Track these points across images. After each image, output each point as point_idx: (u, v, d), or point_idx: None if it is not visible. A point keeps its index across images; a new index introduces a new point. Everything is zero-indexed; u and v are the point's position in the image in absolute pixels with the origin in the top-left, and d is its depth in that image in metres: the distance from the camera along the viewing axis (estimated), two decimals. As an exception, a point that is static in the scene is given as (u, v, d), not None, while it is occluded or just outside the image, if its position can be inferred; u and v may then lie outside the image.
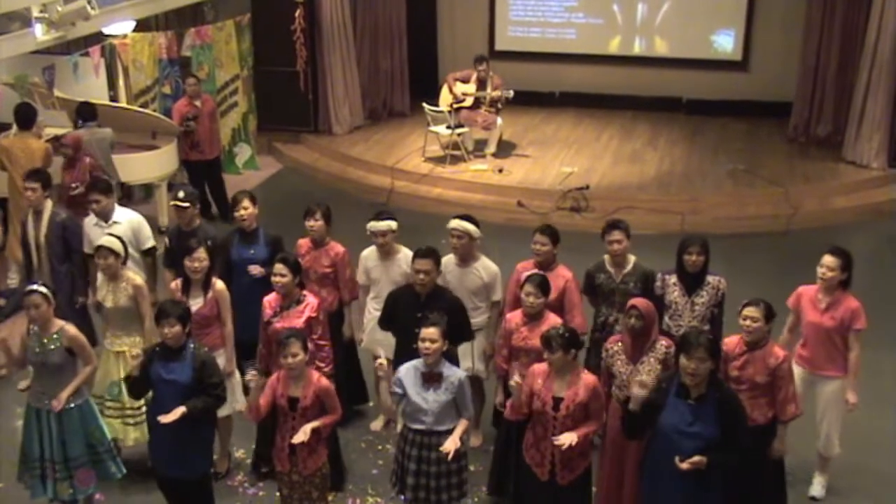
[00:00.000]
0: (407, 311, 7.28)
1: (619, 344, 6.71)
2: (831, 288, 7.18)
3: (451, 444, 6.35)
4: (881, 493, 7.79)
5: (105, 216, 8.66)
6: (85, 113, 11.44)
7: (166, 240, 8.63)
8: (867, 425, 8.39)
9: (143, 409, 7.52)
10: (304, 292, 7.47)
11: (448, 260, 7.85)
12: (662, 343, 6.65)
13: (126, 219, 8.74)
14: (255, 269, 7.96)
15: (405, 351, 7.22)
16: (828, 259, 7.17)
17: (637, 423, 6.08)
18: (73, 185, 10.94)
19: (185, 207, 8.40)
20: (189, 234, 8.30)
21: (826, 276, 7.14)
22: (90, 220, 8.81)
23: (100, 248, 7.53)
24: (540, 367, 6.38)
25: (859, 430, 8.34)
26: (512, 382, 6.35)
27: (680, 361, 5.84)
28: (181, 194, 8.46)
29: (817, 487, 7.65)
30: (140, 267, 8.68)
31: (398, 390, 6.54)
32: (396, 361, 7.47)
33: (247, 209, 8.24)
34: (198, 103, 12.95)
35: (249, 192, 8.52)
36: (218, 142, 13.57)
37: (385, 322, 7.64)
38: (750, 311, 6.60)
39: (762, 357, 6.60)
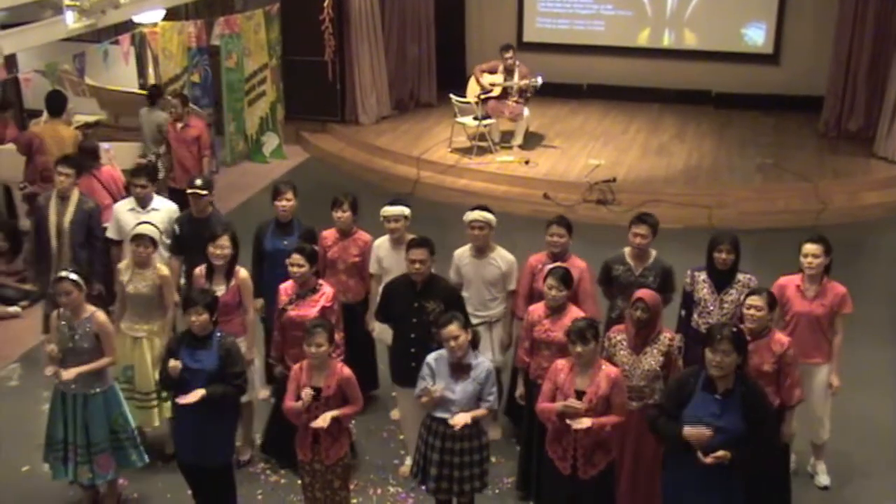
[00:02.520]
0: (403, 300, 7.28)
1: (623, 334, 6.71)
2: (817, 276, 7.18)
3: (460, 418, 6.32)
4: (881, 480, 7.79)
5: (144, 202, 8.74)
6: (149, 95, 12.10)
7: (176, 226, 8.66)
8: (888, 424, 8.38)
9: (153, 395, 7.64)
10: (321, 281, 7.50)
11: (463, 252, 7.84)
12: (666, 335, 6.68)
13: (164, 207, 8.82)
14: None
15: (402, 340, 7.24)
16: (810, 247, 7.15)
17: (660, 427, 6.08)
18: (22, 185, 11.04)
19: (203, 194, 8.43)
20: (201, 221, 8.35)
21: (813, 265, 7.13)
22: (124, 206, 8.88)
23: (141, 236, 7.54)
24: (562, 363, 6.36)
25: (878, 426, 8.33)
26: (568, 406, 6.20)
27: (705, 355, 5.82)
28: (198, 182, 8.50)
29: (823, 476, 7.67)
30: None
31: (427, 380, 6.51)
32: (393, 350, 7.48)
33: (290, 201, 8.26)
34: (179, 125, 11.54)
35: (293, 183, 8.51)
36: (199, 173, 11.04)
37: (381, 313, 7.62)
38: (753, 299, 6.62)
39: (767, 345, 6.59)
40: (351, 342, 7.78)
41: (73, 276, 6.83)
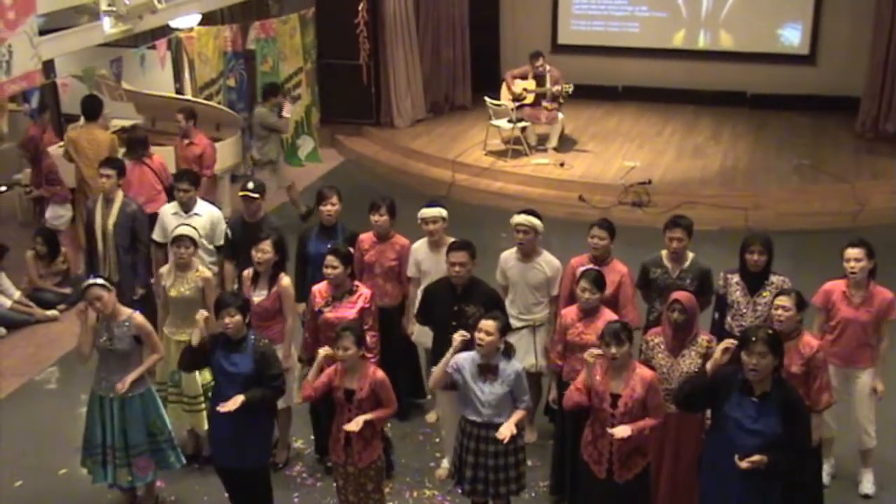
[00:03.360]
0: (444, 303, 7.28)
1: (660, 336, 6.67)
2: (863, 281, 7.09)
3: (506, 430, 6.32)
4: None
5: (188, 206, 8.77)
6: (263, 92, 12.95)
7: (228, 231, 8.69)
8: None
9: (201, 398, 7.64)
10: (357, 283, 7.51)
11: (509, 255, 7.83)
12: (704, 337, 6.63)
13: (207, 212, 8.85)
14: None
15: (443, 344, 7.21)
16: (852, 252, 7.06)
17: (690, 396, 6.06)
18: (27, 189, 11.04)
19: (255, 198, 8.46)
20: (253, 225, 8.36)
21: (856, 269, 7.04)
22: (168, 209, 8.92)
23: (181, 237, 7.59)
24: (600, 362, 6.34)
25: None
26: (588, 356, 6.24)
27: (741, 357, 5.78)
28: (251, 185, 8.52)
29: (867, 484, 7.57)
30: (213, 258, 8.78)
31: (456, 376, 6.51)
32: (434, 353, 7.49)
33: (334, 205, 8.27)
34: (185, 141, 11.28)
35: (337, 188, 8.51)
36: (211, 191, 11.29)
37: (422, 316, 7.63)
38: (781, 300, 6.55)
39: (796, 347, 6.52)
40: (388, 347, 7.80)
41: (100, 281, 6.88)
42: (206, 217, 8.77)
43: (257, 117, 12.70)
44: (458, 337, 6.51)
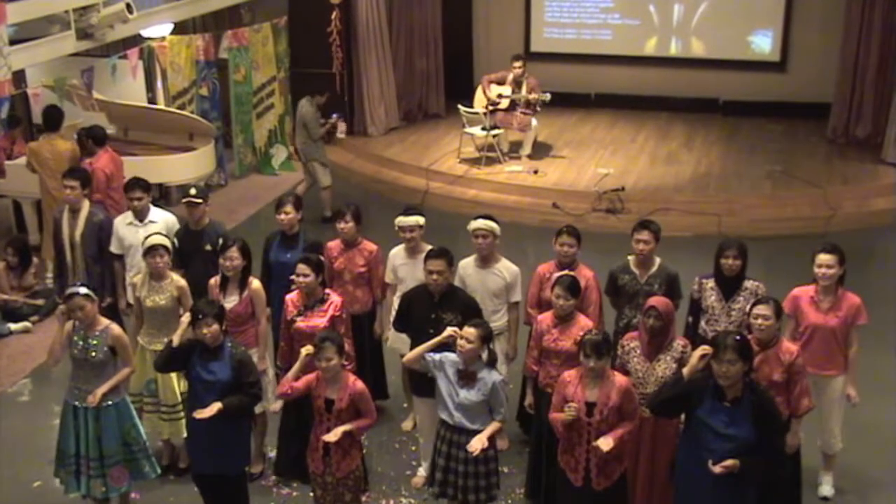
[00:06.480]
0: (421, 311, 7.28)
1: (636, 341, 6.70)
2: (831, 287, 7.09)
3: (477, 443, 6.34)
4: (891, 491, 7.72)
5: (142, 215, 8.69)
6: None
7: (175, 240, 8.65)
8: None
9: (179, 406, 7.60)
10: (328, 291, 7.51)
11: (467, 263, 7.83)
12: (679, 342, 6.65)
13: (161, 218, 8.77)
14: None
15: None
16: (824, 257, 7.04)
17: (665, 402, 6.09)
18: None
19: (198, 204, 8.37)
20: (197, 233, 8.35)
21: (827, 275, 7.03)
22: (122, 220, 8.82)
23: (154, 247, 7.54)
24: (570, 374, 6.35)
25: (889, 435, 8.28)
26: (570, 410, 6.22)
27: (711, 365, 5.81)
28: (193, 191, 8.42)
29: (826, 487, 7.60)
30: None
31: (436, 371, 6.53)
32: None
33: (289, 213, 8.26)
34: (89, 160, 10.57)
35: (295, 195, 8.54)
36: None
37: (399, 323, 7.63)
38: (760, 309, 6.55)
39: (775, 355, 6.54)
40: (359, 353, 7.79)
41: (84, 290, 6.82)
42: (162, 223, 8.67)
43: (306, 116, 13.06)
44: (451, 330, 6.52)
